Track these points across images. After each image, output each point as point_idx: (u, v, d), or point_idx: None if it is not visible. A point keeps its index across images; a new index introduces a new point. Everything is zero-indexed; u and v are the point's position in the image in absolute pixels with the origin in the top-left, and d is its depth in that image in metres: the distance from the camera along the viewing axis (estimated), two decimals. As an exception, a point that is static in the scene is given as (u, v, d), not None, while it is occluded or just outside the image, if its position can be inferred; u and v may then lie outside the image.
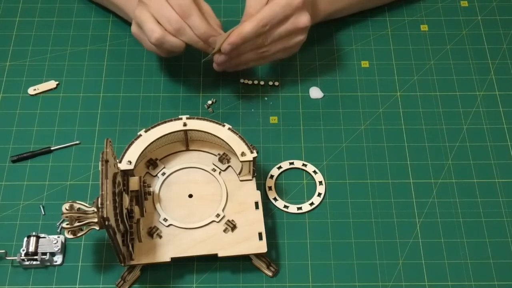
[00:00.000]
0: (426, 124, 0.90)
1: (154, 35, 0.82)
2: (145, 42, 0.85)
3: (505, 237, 0.82)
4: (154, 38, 0.82)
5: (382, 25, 1.00)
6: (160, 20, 0.82)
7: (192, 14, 0.81)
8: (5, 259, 0.79)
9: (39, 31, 0.98)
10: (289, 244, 0.81)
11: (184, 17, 0.81)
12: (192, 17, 0.81)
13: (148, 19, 0.82)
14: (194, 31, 0.82)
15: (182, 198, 0.80)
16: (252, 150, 0.78)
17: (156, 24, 0.82)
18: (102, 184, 0.67)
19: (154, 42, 0.82)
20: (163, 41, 0.82)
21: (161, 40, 0.82)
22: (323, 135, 0.89)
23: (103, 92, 0.92)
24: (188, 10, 0.81)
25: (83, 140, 0.88)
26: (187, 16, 0.81)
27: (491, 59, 0.97)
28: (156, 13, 0.82)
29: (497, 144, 0.89)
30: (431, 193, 0.85)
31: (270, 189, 0.85)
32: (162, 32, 0.82)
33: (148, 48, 0.86)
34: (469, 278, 0.79)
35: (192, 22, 0.82)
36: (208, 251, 0.75)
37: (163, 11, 0.81)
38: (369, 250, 0.80)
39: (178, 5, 0.81)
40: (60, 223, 0.81)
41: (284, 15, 0.83)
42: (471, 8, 1.02)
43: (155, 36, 0.82)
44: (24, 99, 0.92)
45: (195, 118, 0.80)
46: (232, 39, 0.82)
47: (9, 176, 0.85)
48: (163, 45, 0.83)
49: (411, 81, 0.95)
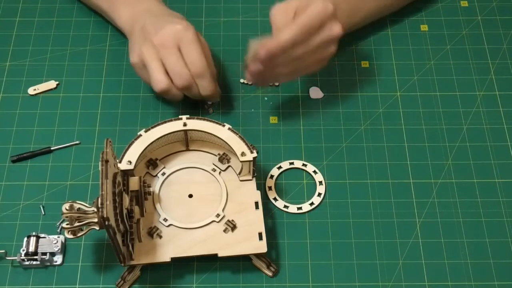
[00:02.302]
0: (426, 124, 0.90)
1: (160, 85, 0.83)
2: (145, 79, 0.86)
3: (505, 237, 0.82)
4: (160, 89, 0.83)
5: (382, 25, 1.00)
6: (170, 72, 0.83)
7: (205, 76, 0.83)
8: (5, 259, 0.79)
9: (39, 31, 0.98)
10: (289, 244, 0.81)
11: (196, 76, 0.83)
12: (204, 80, 0.84)
13: (157, 67, 0.83)
14: (200, 90, 0.84)
15: (182, 198, 0.80)
16: (252, 150, 0.78)
17: (164, 74, 0.83)
18: (102, 184, 0.67)
19: (158, 91, 0.83)
20: (166, 93, 0.84)
21: (165, 92, 0.83)
22: (323, 135, 0.89)
23: (103, 92, 0.93)
24: (202, 72, 0.83)
25: (83, 140, 0.88)
26: (199, 77, 0.83)
27: (491, 59, 0.97)
28: (168, 64, 0.82)
29: (497, 144, 0.89)
30: (431, 193, 0.85)
31: (270, 189, 0.85)
32: (169, 85, 0.83)
33: (145, 81, 0.86)
34: (469, 278, 0.79)
35: (202, 83, 0.84)
36: (208, 251, 0.75)
37: (176, 66, 0.82)
38: (369, 250, 0.80)
39: (193, 64, 0.82)
40: (60, 223, 0.81)
41: (320, 22, 0.82)
42: (471, 8, 1.02)
43: (161, 86, 0.83)
44: (24, 99, 0.92)
45: (195, 118, 0.81)
46: (269, 46, 0.80)
47: (9, 176, 0.85)
48: (165, 94, 0.84)
49: (411, 81, 0.95)
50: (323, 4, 0.82)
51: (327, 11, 0.82)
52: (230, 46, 0.97)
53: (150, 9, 0.89)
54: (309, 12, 0.81)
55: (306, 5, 0.82)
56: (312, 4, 0.82)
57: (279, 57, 0.81)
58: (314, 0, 0.82)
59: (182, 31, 0.83)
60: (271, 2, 1.02)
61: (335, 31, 0.83)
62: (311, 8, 0.81)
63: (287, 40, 0.80)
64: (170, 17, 0.87)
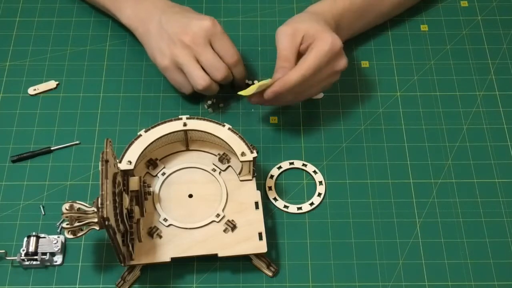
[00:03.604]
0: (426, 124, 0.90)
1: (202, 83, 0.84)
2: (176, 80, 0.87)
3: (505, 237, 0.82)
4: (202, 86, 0.84)
5: (382, 25, 1.00)
6: (207, 68, 0.84)
7: (239, 63, 0.87)
8: (5, 259, 0.79)
9: (39, 31, 0.98)
10: (289, 244, 0.81)
11: (233, 65, 0.86)
12: (239, 66, 0.87)
13: (195, 66, 0.84)
14: (236, 76, 0.87)
15: (182, 198, 0.80)
16: (252, 150, 0.78)
17: (203, 71, 0.84)
18: (102, 184, 0.67)
19: (201, 89, 0.85)
20: (208, 88, 0.85)
21: (206, 88, 0.85)
22: (323, 135, 0.89)
23: (103, 92, 0.92)
24: (238, 60, 0.86)
25: (83, 140, 0.88)
26: (235, 65, 0.86)
27: (491, 59, 0.97)
28: (205, 61, 0.84)
29: (497, 144, 0.89)
30: (431, 193, 0.85)
31: (270, 189, 0.85)
32: (210, 81, 0.84)
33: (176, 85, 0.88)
34: (469, 278, 0.79)
35: (238, 70, 0.88)
36: (208, 251, 0.75)
37: (214, 61, 0.84)
38: (369, 250, 0.80)
39: (229, 55, 0.85)
40: (60, 223, 0.81)
41: (327, 61, 0.82)
42: (471, 8, 1.02)
43: (203, 84, 0.84)
44: (24, 99, 0.92)
45: (195, 118, 0.81)
46: (276, 88, 0.81)
47: (9, 176, 0.85)
48: (205, 91, 0.86)
49: (411, 81, 0.95)
50: (331, 42, 0.82)
51: (336, 49, 0.83)
52: (230, 46, 0.97)
53: (156, 5, 0.89)
54: (318, 52, 0.81)
55: (314, 35, 0.83)
56: (321, 40, 0.82)
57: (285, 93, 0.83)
58: (322, 32, 0.82)
59: (211, 26, 0.84)
60: (271, 2, 1.02)
61: (341, 65, 0.85)
62: (320, 47, 0.82)
63: (294, 83, 0.81)
64: (187, 13, 0.88)
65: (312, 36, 0.83)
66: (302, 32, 0.83)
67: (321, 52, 0.81)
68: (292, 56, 0.83)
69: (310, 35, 0.83)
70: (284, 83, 0.81)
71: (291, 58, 0.83)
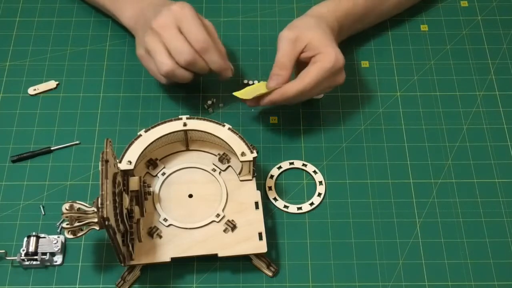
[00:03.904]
0: (426, 124, 0.90)
1: (164, 68, 0.82)
2: (152, 68, 0.85)
3: (505, 237, 0.82)
4: (164, 71, 0.82)
5: (382, 25, 1.00)
6: (172, 52, 0.82)
7: (209, 49, 0.82)
8: (5, 259, 0.79)
9: (39, 31, 0.98)
10: (289, 244, 0.81)
11: (202, 52, 0.82)
12: (209, 53, 0.82)
13: (160, 50, 0.82)
14: (209, 65, 0.83)
15: (182, 198, 0.80)
16: (252, 150, 0.78)
17: (168, 56, 0.82)
18: (102, 184, 0.67)
19: (164, 74, 0.83)
20: (172, 74, 0.82)
21: (171, 73, 0.82)
22: (323, 135, 0.89)
23: (103, 92, 0.92)
24: (206, 45, 0.82)
25: (83, 140, 0.88)
26: (204, 51, 0.82)
27: (491, 59, 0.97)
28: (169, 44, 0.81)
29: (497, 144, 0.89)
30: (431, 193, 0.85)
31: (270, 189, 0.85)
32: (173, 65, 0.82)
33: (154, 74, 0.86)
34: (469, 278, 0.79)
35: (209, 57, 0.83)
36: (208, 251, 0.76)
37: (176, 43, 0.81)
38: (369, 250, 0.80)
39: (195, 39, 0.81)
40: (60, 223, 0.81)
41: (328, 77, 0.83)
42: (471, 8, 1.02)
43: (165, 69, 0.82)
44: (24, 99, 0.92)
45: (195, 118, 0.81)
46: (275, 98, 0.82)
47: (9, 176, 0.85)
48: (172, 77, 0.83)
49: (411, 81, 0.95)
50: (336, 59, 0.82)
51: (338, 65, 0.83)
52: (230, 46, 0.97)
53: (152, 2, 0.89)
54: (321, 69, 0.81)
55: (318, 48, 0.82)
56: (325, 55, 0.82)
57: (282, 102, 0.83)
58: (327, 47, 0.82)
59: (178, 10, 0.82)
60: (271, 2, 1.02)
61: (339, 80, 0.85)
62: (324, 64, 0.82)
63: (292, 96, 0.82)
64: (168, 2, 0.86)
65: (316, 48, 0.82)
66: (305, 40, 0.83)
67: (324, 69, 0.81)
68: (289, 64, 0.83)
69: (314, 46, 0.82)
70: (283, 94, 0.82)
71: (288, 65, 0.83)
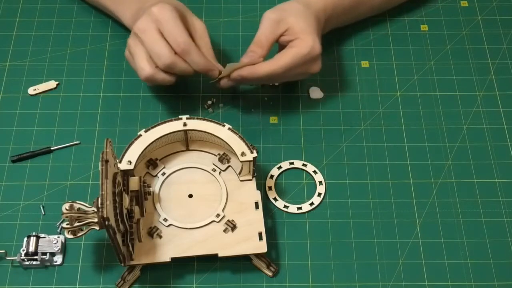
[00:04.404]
0: (426, 124, 0.90)
1: (143, 73, 0.81)
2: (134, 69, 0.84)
3: (505, 237, 0.82)
4: (144, 77, 0.81)
5: (382, 25, 1.00)
6: (152, 55, 0.81)
7: (190, 51, 0.81)
8: (5, 259, 0.79)
9: (39, 31, 0.98)
10: (289, 244, 0.81)
11: (183, 54, 0.81)
12: (191, 55, 0.81)
13: (140, 54, 0.81)
14: (193, 67, 0.82)
15: (182, 198, 0.80)
16: (252, 150, 0.78)
17: (147, 61, 0.81)
18: (102, 184, 0.67)
19: (144, 79, 0.82)
20: (152, 79, 0.82)
21: (150, 78, 0.81)
22: (323, 135, 0.89)
23: (103, 92, 0.92)
24: (186, 47, 0.80)
25: (83, 140, 0.88)
26: (185, 54, 0.81)
27: (491, 59, 0.97)
28: (148, 48, 0.80)
29: (497, 144, 0.89)
30: (431, 193, 0.85)
31: (270, 189, 0.85)
32: (152, 71, 0.81)
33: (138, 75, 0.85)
34: (469, 278, 0.79)
35: (191, 59, 0.81)
36: (208, 251, 0.75)
37: (155, 46, 0.80)
38: (369, 250, 0.80)
39: (175, 42, 0.80)
40: (60, 223, 0.81)
41: (302, 63, 0.83)
42: (471, 8, 1.02)
43: (145, 74, 0.81)
44: (24, 99, 0.92)
45: (195, 118, 0.81)
46: (244, 74, 0.82)
47: (9, 176, 0.85)
48: (153, 82, 0.83)
49: (411, 81, 0.95)
50: (312, 47, 0.83)
51: (314, 54, 0.83)
52: (230, 46, 0.97)
53: (149, 1, 0.88)
54: (295, 54, 0.82)
55: (297, 34, 0.83)
56: (302, 41, 0.82)
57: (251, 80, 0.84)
58: (306, 34, 0.83)
59: (156, 13, 0.80)
60: (271, 2, 1.02)
61: (314, 69, 0.86)
62: (299, 50, 0.82)
63: (263, 75, 0.82)
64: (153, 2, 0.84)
65: (295, 33, 0.83)
66: (287, 24, 0.84)
67: (299, 54, 0.82)
68: (266, 44, 0.84)
69: (295, 31, 0.83)
70: (253, 72, 0.82)
71: (265, 45, 0.84)
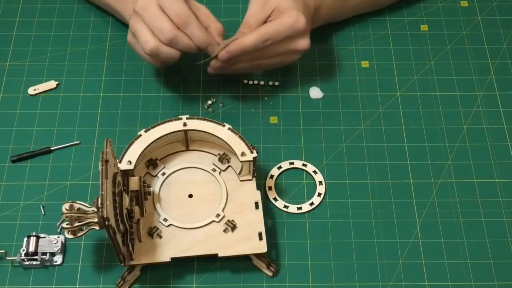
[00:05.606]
0: (426, 124, 0.90)
1: (147, 46, 0.81)
2: (140, 51, 0.84)
3: (505, 237, 0.82)
4: (148, 50, 0.81)
5: (382, 25, 1.00)
6: (154, 31, 0.81)
7: (190, 23, 0.81)
8: (5, 259, 0.79)
9: (39, 31, 0.98)
10: (289, 244, 0.81)
11: (183, 26, 0.80)
12: (190, 27, 0.81)
13: (142, 30, 0.81)
14: (193, 40, 0.81)
15: (182, 198, 0.80)
16: (252, 150, 0.78)
17: (151, 35, 0.81)
18: (102, 184, 0.67)
19: (148, 53, 0.81)
20: (157, 52, 0.81)
21: (155, 51, 0.81)
22: (323, 135, 0.89)
23: (103, 92, 0.93)
24: (186, 19, 0.80)
25: (83, 140, 0.88)
26: (185, 26, 0.80)
27: (491, 59, 0.97)
28: (150, 24, 0.81)
29: (497, 144, 0.89)
30: (431, 193, 0.85)
31: (270, 189, 0.85)
32: (156, 43, 0.80)
33: (143, 57, 0.85)
34: (469, 278, 0.79)
35: (191, 32, 0.81)
36: (208, 251, 0.75)
37: (157, 21, 0.80)
38: (369, 250, 0.80)
39: (175, 14, 0.80)
40: (60, 223, 0.81)
41: (286, 36, 0.83)
42: (471, 8, 1.02)
43: (149, 47, 0.81)
44: (24, 99, 0.92)
45: (195, 118, 0.81)
46: (231, 49, 0.82)
47: (9, 176, 0.85)
48: (158, 56, 0.82)
49: (411, 81, 0.95)
50: (295, 19, 0.82)
51: (298, 27, 0.83)
52: (230, 46, 0.97)
53: None
54: (278, 24, 0.82)
55: (282, 10, 0.83)
56: (285, 15, 0.83)
57: (240, 56, 0.83)
58: (291, 9, 0.83)
59: None
60: (271, 2, 1.01)
61: (301, 45, 0.85)
62: (281, 20, 0.82)
63: (248, 46, 0.82)
64: None
65: (280, 11, 0.84)
66: (273, 5, 0.84)
67: (282, 24, 0.82)
68: (255, 25, 0.84)
69: (280, 10, 0.84)
70: (239, 44, 0.82)
71: (254, 26, 0.84)
